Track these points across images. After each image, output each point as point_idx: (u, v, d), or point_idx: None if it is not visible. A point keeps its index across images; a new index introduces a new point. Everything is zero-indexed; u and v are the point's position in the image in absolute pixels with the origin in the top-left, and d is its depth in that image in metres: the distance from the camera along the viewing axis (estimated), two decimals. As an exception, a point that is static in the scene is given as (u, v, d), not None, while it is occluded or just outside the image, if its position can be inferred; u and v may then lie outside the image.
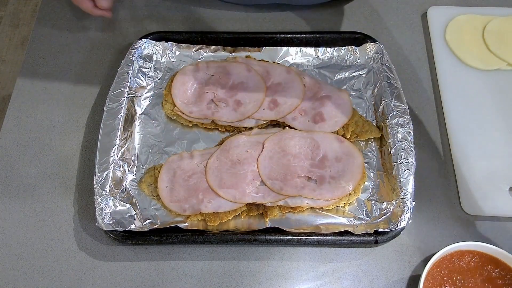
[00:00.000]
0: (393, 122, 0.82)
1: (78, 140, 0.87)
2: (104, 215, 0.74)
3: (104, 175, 0.77)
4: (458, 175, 0.83)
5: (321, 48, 0.94)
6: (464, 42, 0.96)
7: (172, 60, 0.94)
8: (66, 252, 0.77)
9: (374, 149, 0.85)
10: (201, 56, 0.95)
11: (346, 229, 0.76)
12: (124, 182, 0.80)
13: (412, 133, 0.81)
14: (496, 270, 0.71)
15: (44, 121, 0.89)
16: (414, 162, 0.78)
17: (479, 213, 0.80)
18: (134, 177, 0.82)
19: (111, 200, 0.77)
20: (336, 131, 0.85)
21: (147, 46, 0.92)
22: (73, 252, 0.77)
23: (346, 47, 0.94)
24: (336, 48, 0.94)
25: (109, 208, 0.76)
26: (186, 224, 0.77)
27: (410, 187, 0.76)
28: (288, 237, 0.75)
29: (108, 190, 0.77)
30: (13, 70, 2.09)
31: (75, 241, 0.78)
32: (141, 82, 0.90)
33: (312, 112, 0.87)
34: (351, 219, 0.78)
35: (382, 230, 0.75)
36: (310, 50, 0.95)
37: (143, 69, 0.91)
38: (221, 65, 0.91)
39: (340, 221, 0.78)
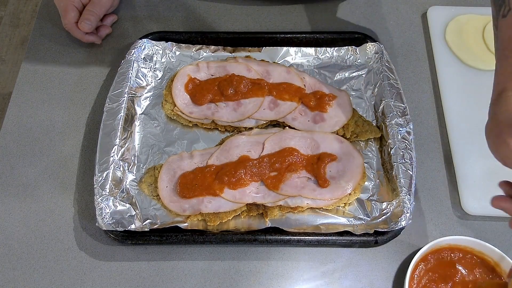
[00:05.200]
0: (393, 122, 0.82)
1: (78, 140, 0.87)
2: (104, 215, 0.74)
3: (104, 175, 0.77)
4: (458, 175, 0.83)
5: (321, 48, 0.94)
6: (464, 42, 0.96)
7: (172, 60, 0.94)
8: (66, 252, 0.77)
9: (374, 149, 0.85)
10: (201, 56, 0.95)
11: (346, 229, 0.76)
12: (124, 182, 0.80)
13: (412, 133, 0.81)
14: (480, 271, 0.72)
15: (44, 121, 0.89)
16: (414, 162, 0.78)
17: (479, 213, 0.80)
18: (134, 177, 0.82)
19: (111, 200, 0.77)
20: (336, 131, 0.85)
21: (147, 46, 0.92)
22: (73, 252, 0.77)
23: (346, 47, 0.94)
24: (336, 48, 0.94)
25: (109, 208, 0.76)
26: (186, 224, 0.77)
27: (410, 187, 0.76)
28: (288, 237, 0.75)
29: (108, 190, 0.77)
30: (13, 70, 2.10)
31: (75, 241, 0.78)
32: (141, 82, 0.90)
33: (312, 112, 0.87)
34: (351, 219, 0.78)
35: (382, 230, 0.75)
36: (310, 50, 0.95)
37: (143, 69, 0.91)
38: (221, 65, 0.91)
39: (340, 221, 0.78)
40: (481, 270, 0.72)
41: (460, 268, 0.72)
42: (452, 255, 0.73)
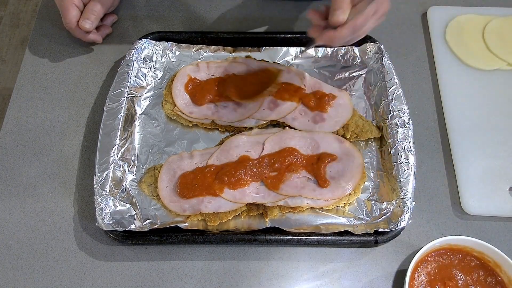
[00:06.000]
0: (393, 122, 0.82)
1: (78, 140, 0.87)
2: (104, 215, 0.74)
3: (104, 175, 0.77)
4: (458, 175, 0.83)
5: (321, 48, 0.94)
6: (464, 42, 0.96)
7: (172, 60, 0.94)
8: (66, 252, 0.77)
9: (374, 149, 0.85)
10: (201, 56, 0.95)
11: (346, 229, 0.76)
12: (124, 182, 0.80)
13: (412, 133, 0.81)
14: (482, 273, 0.72)
15: (44, 121, 0.89)
16: (414, 162, 0.78)
17: (479, 213, 0.80)
18: (134, 177, 0.82)
19: (111, 200, 0.77)
20: (336, 131, 0.85)
21: (147, 46, 0.92)
22: (73, 252, 0.77)
23: (346, 47, 0.94)
24: (336, 48, 0.94)
25: (109, 208, 0.76)
26: (186, 224, 0.77)
27: (410, 187, 0.76)
28: (288, 237, 0.75)
29: (108, 190, 0.77)
30: (13, 70, 2.10)
31: (75, 241, 0.78)
32: (141, 82, 0.90)
33: (312, 112, 0.87)
34: (351, 219, 0.78)
35: (382, 230, 0.75)
36: (310, 50, 0.94)
37: (143, 69, 0.91)
38: (221, 65, 0.91)
39: (340, 221, 0.78)
40: (481, 269, 0.72)
41: (459, 267, 0.72)
42: (452, 255, 0.73)
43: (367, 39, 0.93)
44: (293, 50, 0.94)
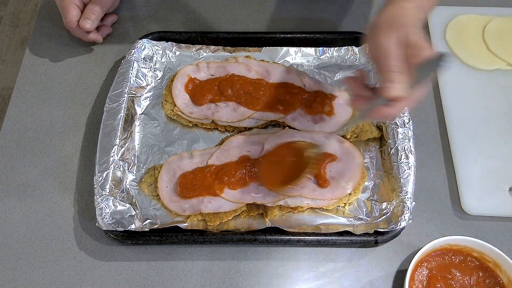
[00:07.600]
0: (393, 122, 0.82)
1: (78, 140, 0.87)
2: (104, 215, 0.74)
3: (104, 175, 0.77)
4: (458, 175, 0.83)
5: (321, 48, 0.94)
6: (464, 42, 0.96)
7: (172, 60, 0.94)
8: (66, 252, 0.77)
9: (374, 149, 0.85)
10: (201, 56, 0.95)
11: (346, 229, 0.76)
12: (124, 182, 0.80)
13: (412, 133, 0.81)
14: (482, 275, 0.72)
15: (44, 121, 0.89)
16: (414, 162, 0.78)
17: (479, 213, 0.80)
18: (134, 177, 0.82)
19: (111, 200, 0.77)
20: (336, 131, 0.85)
21: (147, 46, 0.92)
22: (73, 252, 0.77)
23: (346, 47, 0.94)
24: (336, 48, 0.94)
25: (109, 208, 0.76)
26: (186, 224, 0.77)
27: (410, 187, 0.76)
28: (288, 237, 0.75)
29: (108, 190, 0.77)
30: (13, 70, 2.10)
31: (75, 241, 0.78)
32: (141, 82, 0.90)
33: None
34: (351, 219, 0.78)
35: (382, 230, 0.75)
36: (310, 50, 0.95)
37: (143, 69, 0.91)
38: (221, 65, 0.91)
39: (340, 221, 0.78)
40: (481, 270, 0.72)
41: (459, 268, 0.72)
42: (452, 255, 0.73)
43: (367, 39, 0.93)
44: (293, 50, 0.94)
